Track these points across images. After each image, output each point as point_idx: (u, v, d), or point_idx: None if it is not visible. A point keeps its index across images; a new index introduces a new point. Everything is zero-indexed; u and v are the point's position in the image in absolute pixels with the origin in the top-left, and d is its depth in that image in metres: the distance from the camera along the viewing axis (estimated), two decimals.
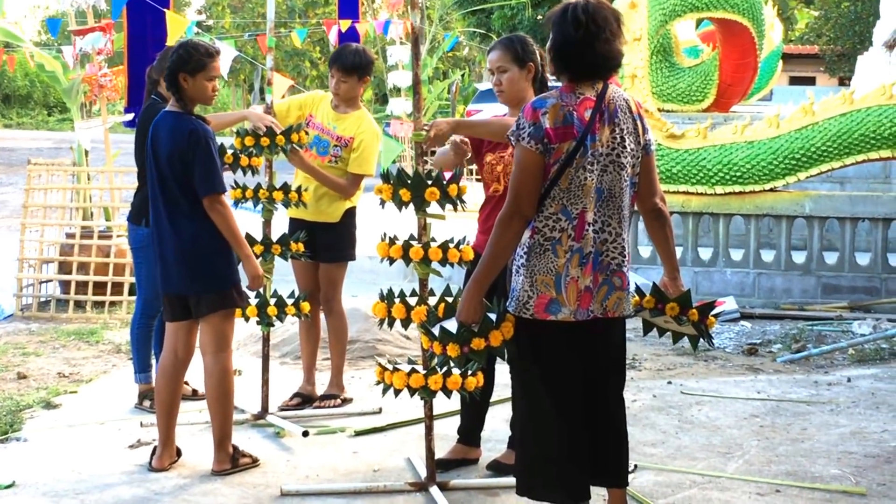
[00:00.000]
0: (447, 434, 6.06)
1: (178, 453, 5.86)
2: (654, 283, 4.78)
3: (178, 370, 5.84)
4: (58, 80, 11.92)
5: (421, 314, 5.12)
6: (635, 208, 4.59)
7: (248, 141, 6.43)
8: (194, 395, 7.16)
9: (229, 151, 6.45)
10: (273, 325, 6.61)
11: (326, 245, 7.04)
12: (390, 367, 5.23)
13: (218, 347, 5.71)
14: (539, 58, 5.48)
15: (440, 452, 5.78)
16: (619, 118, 4.37)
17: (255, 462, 5.82)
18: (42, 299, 10.63)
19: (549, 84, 5.47)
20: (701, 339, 4.83)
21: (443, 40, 26.86)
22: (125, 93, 10.76)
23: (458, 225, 6.23)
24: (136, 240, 6.94)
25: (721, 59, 12.62)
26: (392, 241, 5.25)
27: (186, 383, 7.02)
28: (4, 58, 12.37)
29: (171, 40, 10.49)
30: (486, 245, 4.41)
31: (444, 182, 5.20)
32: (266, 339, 6.68)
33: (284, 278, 7.86)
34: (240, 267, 5.83)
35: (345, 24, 15.23)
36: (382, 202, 5.27)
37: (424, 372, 5.13)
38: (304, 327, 7.18)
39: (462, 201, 5.26)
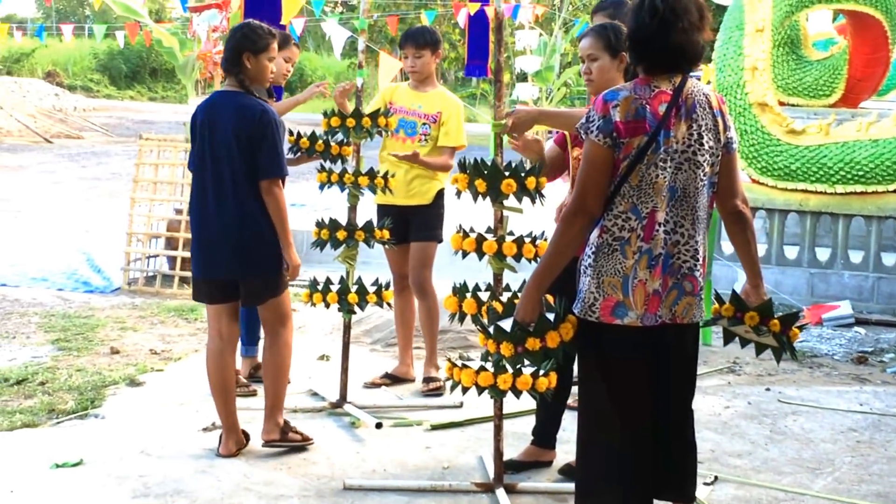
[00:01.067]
0: (524, 433, 5.88)
1: (247, 438, 5.79)
2: (733, 291, 4.55)
3: (226, 353, 5.78)
4: (175, 55, 12.01)
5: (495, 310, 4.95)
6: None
7: (335, 122, 6.33)
8: (248, 386, 7.06)
9: (321, 139, 6.39)
10: (354, 313, 6.50)
11: (417, 225, 7.08)
12: (459, 363, 5.07)
13: (280, 323, 5.79)
14: None
15: (514, 453, 5.62)
16: (698, 114, 4.13)
17: (305, 440, 5.80)
18: (149, 274, 10.73)
19: None
20: (784, 352, 4.56)
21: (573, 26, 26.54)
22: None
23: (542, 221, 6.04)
24: None
25: (851, 53, 12.11)
26: (466, 233, 5.08)
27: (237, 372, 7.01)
28: (126, 31, 12.51)
29: (287, 18, 10.47)
30: (549, 242, 4.24)
31: (522, 174, 5.01)
32: (347, 327, 6.58)
33: (366, 263, 7.74)
34: None
35: (473, 7, 15.09)
36: (458, 192, 5.11)
37: (493, 370, 4.96)
38: (399, 309, 7.11)
39: (541, 195, 5.06)
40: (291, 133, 6.51)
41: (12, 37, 20.10)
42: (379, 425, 6.09)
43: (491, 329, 4.48)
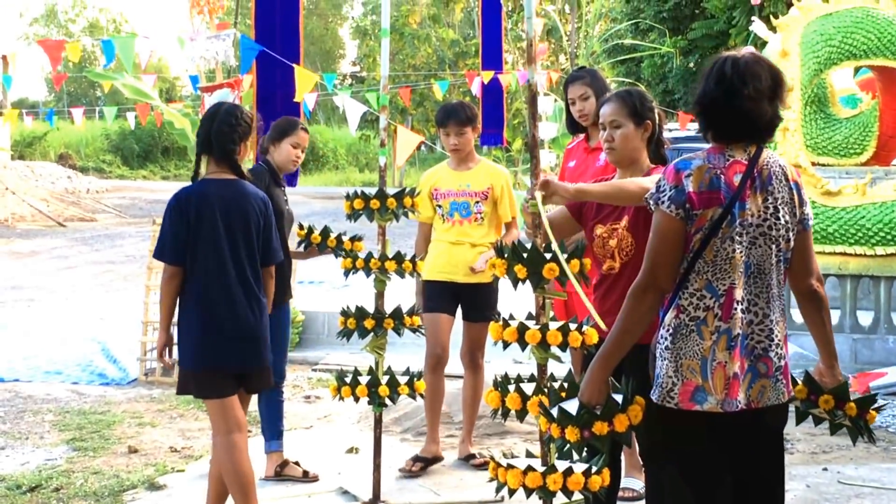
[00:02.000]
0: None
1: None
2: (806, 373, 4.21)
3: (245, 443, 5.49)
4: (186, 137, 11.75)
5: (536, 406, 4.57)
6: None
7: (357, 204, 6.00)
8: (305, 477, 6.74)
9: (331, 234, 6.17)
10: (385, 406, 6.11)
11: (477, 304, 6.99)
12: (504, 462, 4.68)
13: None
14: (657, 117, 4.96)
15: None
16: (773, 186, 3.85)
17: None
18: None
19: (667, 148, 4.99)
20: (862, 436, 4.23)
21: None
22: (254, 149, 10.48)
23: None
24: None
25: (881, 109, 11.77)
26: (506, 322, 4.71)
27: (297, 464, 6.68)
28: (136, 113, 12.27)
29: (300, 96, 10.20)
30: (616, 319, 3.94)
31: (566, 256, 4.64)
32: (378, 421, 6.19)
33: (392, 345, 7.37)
34: None
35: (487, 76, 14.87)
36: (496, 279, 4.74)
37: (542, 469, 4.57)
38: (431, 388, 6.78)
39: (586, 278, 4.70)
40: (301, 227, 6.34)
41: (22, 121, 19.89)
42: None
43: (554, 412, 4.11)
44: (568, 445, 4.12)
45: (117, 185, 42.20)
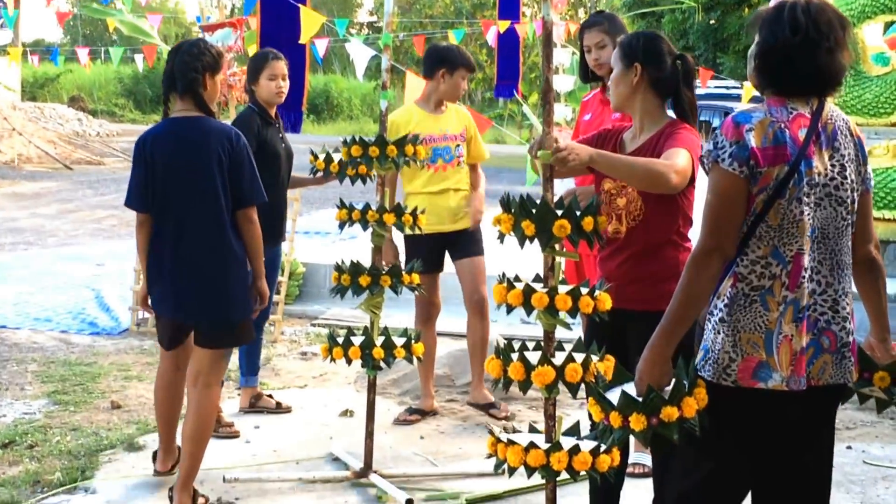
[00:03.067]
0: None
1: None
2: (858, 347, 3.74)
3: (180, 382, 5.56)
4: None
5: (545, 375, 4.13)
6: None
7: (355, 150, 5.54)
8: (278, 408, 6.86)
9: (336, 159, 5.64)
10: (380, 369, 5.68)
11: (463, 245, 6.80)
12: (504, 437, 4.26)
13: (215, 379, 5.33)
14: (669, 63, 4.52)
15: None
16: (839, 142, 3.45)
17: None
18: None
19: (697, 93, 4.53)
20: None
21: None
22: (238, 92, 10.03)
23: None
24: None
25: None
26: (511, 283, 4.26)
27: (270, 396, 6.91)
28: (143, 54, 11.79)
29: (305, 38, 9.75)
30: (676, 291, 3.48)
31: (578, 213, 4.19)
32: (372, 385, 5.76)
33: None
34: None
35: (503, 25, 14.38)
36: (501, 236, 4.29)
37: (546, 447, 4.15)
38: (422, 341, 6.33)
39: (600, 238, 4.25)
40: (314, 154, 5.80)
41: (27, 61, 19.43)
42: (410, 501, 5.26)
43: (613, 398, 3.62)
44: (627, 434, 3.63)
45: (128, 129, 41.66)
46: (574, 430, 4.42)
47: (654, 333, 3.53)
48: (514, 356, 4.23)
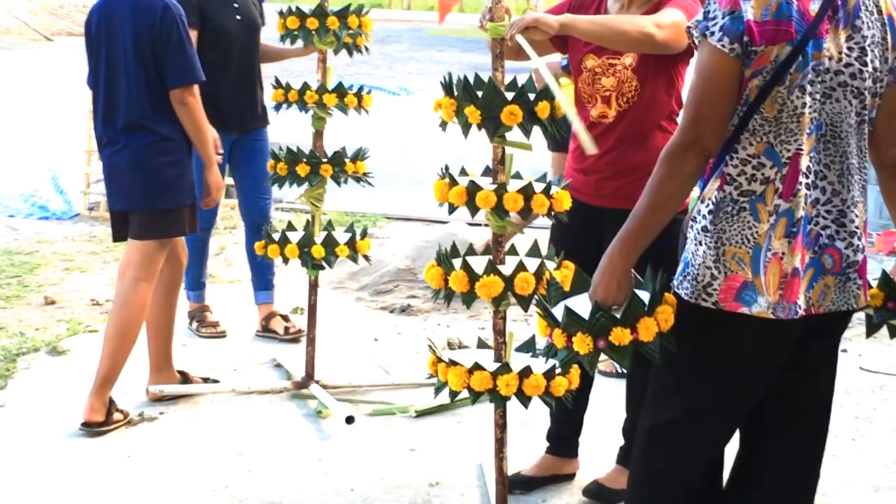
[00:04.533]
0: (540, 424, 4.48)
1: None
2: (883, 272, 3.14)
3: (166, 290, 5.02)
4: None
5: (491, 287, 3.54)
6: None
7: (292, 22, 4.87)
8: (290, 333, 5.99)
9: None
10: (322, 269, 5.08)
11: None
12: (446, 356, 3.68)
13: (146, 274, 4.83)
14: None
15: (527, 460, 4.27)
16: (862, 20, 2.75)
17: (127, 420, 4.76)
18: None
19: None
20: None
21: None
22: None
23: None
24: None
25: None
26: (454, 179, 3.63)
27: (286, 318, 6.14)
28: None
29: None
30: (644, 191, 2.81)
31: (532, 97, 3.56)
32: (314, 286, 5.17)
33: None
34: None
35: None
36: (443, 123, 3.66)
37: (493, 369, 3.58)
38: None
39: (558, 126, 3.62)
40: (281, 15, 5.00)
41: None
42: (350, 419, 4.70)
43: (558, 313, 2.98)
44: (573, 357, 3.00)
45: None
46: (527, 346, 3.86)
47: (613, 241, 2.87)
48: (457, 263, 3.63)
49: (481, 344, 3.93)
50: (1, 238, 8.14)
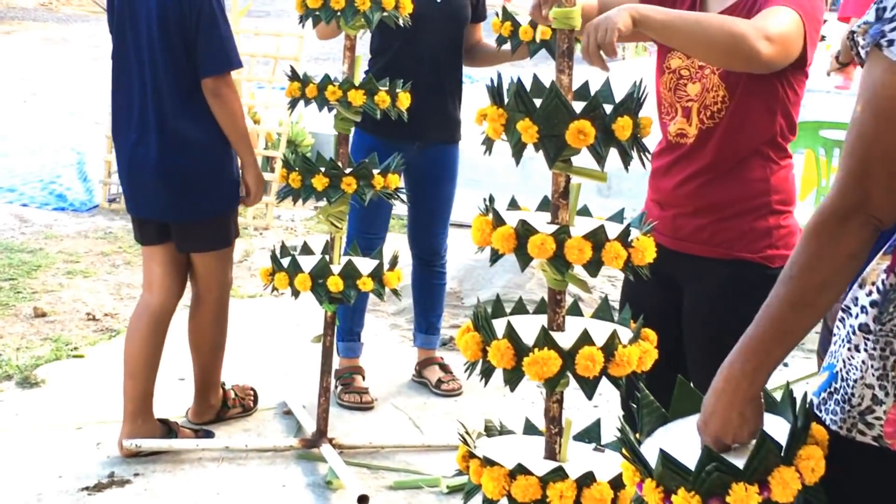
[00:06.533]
0: None
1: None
2: None
3: (154, 316, 4.19)
4: None
5: (545, 365, 2.58)
6: None
7: (313, 1, 3.94)
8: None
9: None
10: (341, 303, 4.13)
11: None
12: (481, 453, 2.75)
13: (215, 285, 4.29)
14: None
15: None
16: None
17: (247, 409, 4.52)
18: None
19: None
20: None
21: None
22: None
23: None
24: None
25: None
26: (499, 217, 2.68)
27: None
28: None
29: None
30: (780, 279, 1.84)
31: (608, 110, 2.60)
32: (329, 325, 4.24)
33: None
34: None
35: None
36: (488, 142, 2.71)
37: (542, 472, 2.64)
38: None
39: (645, 151, 2.66)
40: None
41: None
42: (363, 499, 3.76)
43: (650, 457, 1.97)
44: None
45: None
46: (589, 434, 2.93)
47: (733, 349, 1.89)
48: (500, 327, 2.69)
49: (529, 427, 2.99)
50: (7, 231, 7.30)
